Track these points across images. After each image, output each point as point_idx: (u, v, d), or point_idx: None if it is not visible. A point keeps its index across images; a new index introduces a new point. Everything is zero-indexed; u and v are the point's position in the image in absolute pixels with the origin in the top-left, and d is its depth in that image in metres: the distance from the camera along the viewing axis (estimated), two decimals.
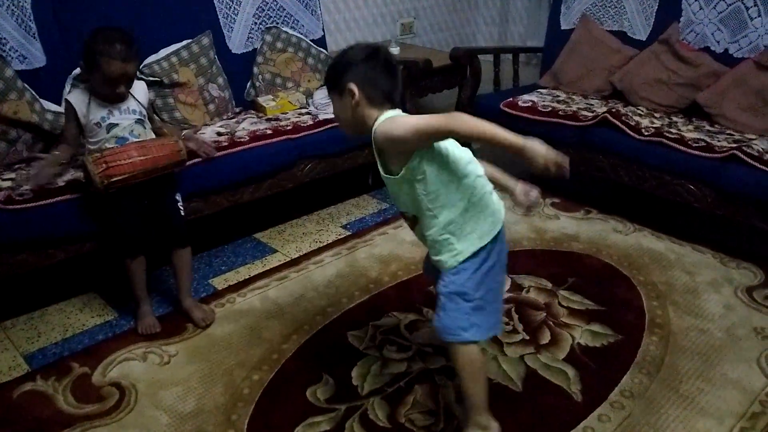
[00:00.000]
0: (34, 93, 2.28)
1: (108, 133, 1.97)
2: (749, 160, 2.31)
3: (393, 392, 1.82)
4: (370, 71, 1.48)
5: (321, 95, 2.83)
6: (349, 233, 2.72)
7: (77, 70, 2.33)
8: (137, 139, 1.99)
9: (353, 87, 1.46)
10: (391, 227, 2.75)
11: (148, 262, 2.09)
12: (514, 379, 1.86)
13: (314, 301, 2.23)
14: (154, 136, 2.07)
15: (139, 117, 2.02)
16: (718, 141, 2.49)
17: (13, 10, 2.28)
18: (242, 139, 2.47)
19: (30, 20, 2.34)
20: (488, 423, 1.56)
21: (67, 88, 2.34)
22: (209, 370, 1.91)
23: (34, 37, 2.35)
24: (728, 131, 2.62)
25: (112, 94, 1.95)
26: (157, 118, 2.30)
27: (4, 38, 2.27)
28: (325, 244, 2.63)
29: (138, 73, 2.45)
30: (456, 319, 1.48)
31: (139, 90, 2.07)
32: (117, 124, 1.98)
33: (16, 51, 2.31)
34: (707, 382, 1.85)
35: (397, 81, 1.53)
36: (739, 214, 2.37)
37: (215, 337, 2.06)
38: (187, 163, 2.20)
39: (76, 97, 1.98)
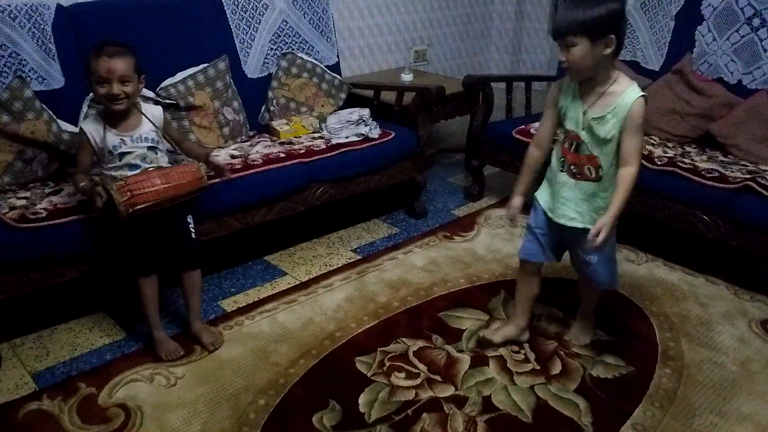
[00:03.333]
0: (51, 113, 2.31)
1: (120, 161, 1.97)
2: (763, 191, 2.30)
3: (400, 420, 1.79)
4: (625, 27, 1.75)
5: (334, 120, 2.85)
6: (359, 257, 2.72)
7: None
8: (149, 166, 2.00)
9: (613, 39, 1.64)
10: (401, 252, 2.74)
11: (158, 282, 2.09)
12: (524, 410, 1.84)
13: (322, 326, 2.22)
14: (167, 161, 2.08)
15: (151, 144, 2.02)
16: (732, 171, 2.47)
17: (34, 32, 2.33)
18: (255, 162, 2.48)
19: (50, 42, 2.38)
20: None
21: (84, 109, 2.37)
22: (215, 393, 1.90)
23: (54, 59, 2.40)
24: (742, 162, 2.61)
25: (107, 95, 1.90)
26: (183, 137, 2.30)
27: (25, 59, 2.31)
28: (334, 267, 2.62)
29: (154, 95, 2.50)
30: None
31: (152, 115, 2.06)
32: (129, 153, 1.98)
33: (36, 72, 2.35)
34: (721, 416, 1.82)
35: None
36: (753, 245, 2.34)
37: (222, 359, 2.05)
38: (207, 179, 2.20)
39: (91, 125, 1.98)
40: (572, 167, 1.83)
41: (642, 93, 1.69)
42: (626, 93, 1.70)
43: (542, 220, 1.97)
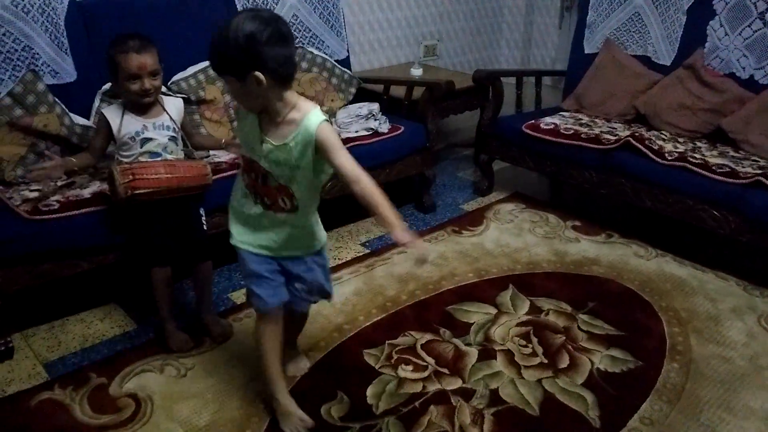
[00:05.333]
0: (63, 107, 2.34)
1: (141, 147, 1.99)
2: None
3: (408, 412, 1.80)
4: (276, 53, 1.43)
5: (344, 114, 2.86)
6: (368, 251, 2.73)
7: (107, 86, 2.39)
8: (170, 156, 2.02)
9: (258, 75, 1.42)
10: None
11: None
12: (531, 403, 1.84)
13: (331, 318, 2.23)
14: (183, 155, 2.11)
15: (172, 134, 2.05)
16: (743, 167, 2.46)
17: (47, 26, 2.35)
18: None
19: (63, 36, 2.40)
20: None
21: (97, 102, 2.40)
22: (225, 384, 1.91)
23: (66, 53, 2.42)
24: (753, 157, 2.60)
25: (139, 91, 1.94)
26: (195, 131, 2.33)
27: (38, 53, 2.34)
28: (343, 261, 2.64)
29: (165, 89, 2.51)
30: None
31: (173, 107, 2.09)
32: (151, 139, 2.00)
33: (49, 66, 2.37)
34: (729, 411, 1.81)
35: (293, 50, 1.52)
36: (763, 240, 2.33)
37: (232, 351, 2.06)
38: (212, 178, 2.24)
39: (111, 112, 2.02)
40: (265, 199, 1.62)
41: (324, 117, 1.52)
42: (307, 119, 1.51)
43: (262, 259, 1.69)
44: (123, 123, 1.98)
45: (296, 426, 1.73)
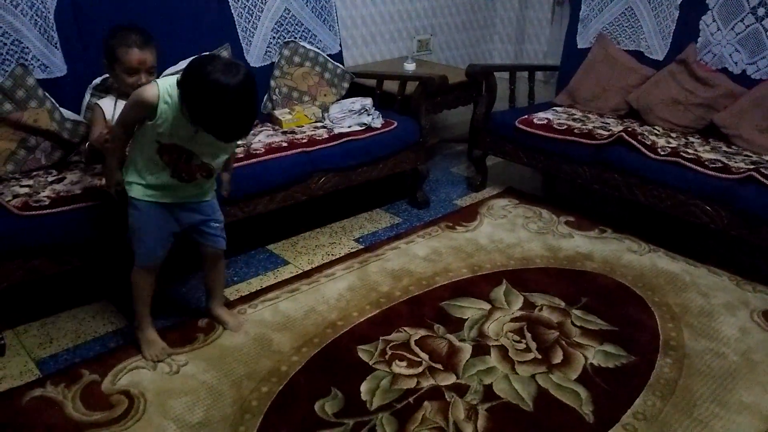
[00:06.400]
0: (54, 102, 2.31)
1: None
2: (766, 182, 2.30)
3: (402, 408, 1.80)
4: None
5: (336, 109, 2.85)
6: (362, 247, 2.72)
7: (97, 80, 2.37)
8: None
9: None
10: (403, 242, 2.74)
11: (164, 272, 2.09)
12: (525, 399, 1.84)
13: (324, 314, 2.23)
14: None
15: None
16: (735, 162, 2.47)
17: (36, 20, 2.32)
18: (258, 151, 2.48)
19: (53, 30, 2.38)
20: None
21: (87, 97, 2.37)
22: (218, 380, 1.91)
23: (56, 47, 2.39)
24: (745, 152, 2.61)
25: (134, 85, 1.93)
26: None
27: (27, 47, 2.31)
28: (337, 257, 2.63)
29: None
30: None
31: None
32: None
33: (38, 60, 2.34)
34: (722, 406, 1.82)
35: None
36: (755, 235, 2.34)
37: (225, 347, 2.06)
38: None
39: (105, 103, 2.05)
40: (183, 175, 1.85)
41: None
42: None
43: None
44: (116, 111, 1.99)
45: (157, 353, 1.97)
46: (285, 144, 2.57)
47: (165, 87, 1.71)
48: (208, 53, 1.73)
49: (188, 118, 1.68)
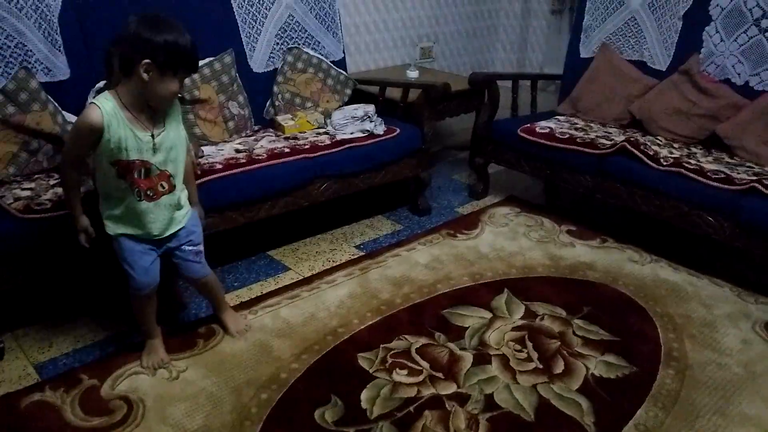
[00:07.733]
0: (56, 105, 2.31)
1: None
2: None
3: (402, 417, 1.79)
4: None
5: (339, 115, 2.85)
6: (362, 254, 2.72)
7: (100, 84, 2.36)
8: None
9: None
10: (404, 249, 2.73)
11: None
12: (526, 409, 1.83)
13: (325, 321, 2.22)
14: None
15: None
16: (738, 173, 2.47)
17: (40, 23, 2.33)
18: (260, 157, 2.48)
19: (56, 34, 2.38)
20: None
21: (90, 100, 2.37)
22: (218, 386, 1.89)
23: (60, 51, 2.39)
24: (748, 164, 2.60)
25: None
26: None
27: (31, 50, 2.31)
28: (337, 263, 2.62)
29: None
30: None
31: None
32: None
33: (42, 63, 2.34)
34: (724, 418, 1.81)
35: None
36: (757, 247, 2.33)
37: (225, 353, 2.05)
38: (206, 179, 2.25)
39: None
40: (148, 192, 1.81)
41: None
42: None
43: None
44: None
45: (155, 362, 1.97)
46: (287, 150, 2.56)
47: (102, 104, 1.70)
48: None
49: (158, 73, 1.69)
